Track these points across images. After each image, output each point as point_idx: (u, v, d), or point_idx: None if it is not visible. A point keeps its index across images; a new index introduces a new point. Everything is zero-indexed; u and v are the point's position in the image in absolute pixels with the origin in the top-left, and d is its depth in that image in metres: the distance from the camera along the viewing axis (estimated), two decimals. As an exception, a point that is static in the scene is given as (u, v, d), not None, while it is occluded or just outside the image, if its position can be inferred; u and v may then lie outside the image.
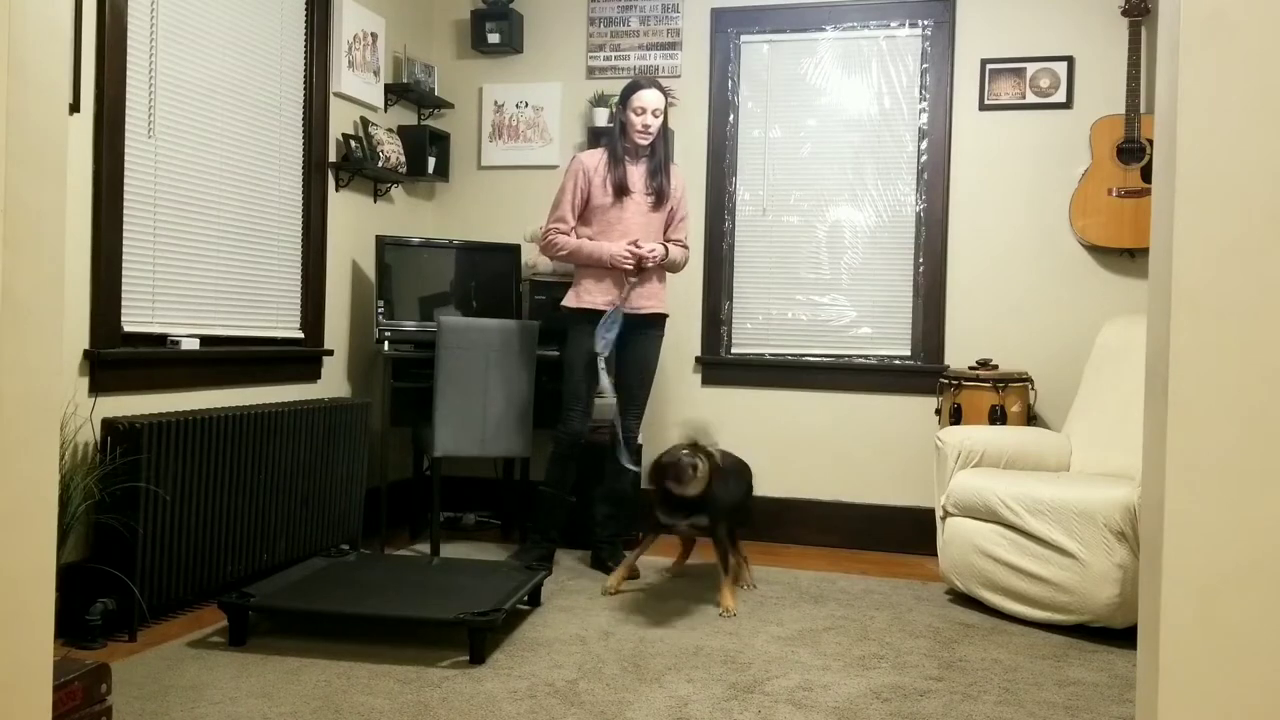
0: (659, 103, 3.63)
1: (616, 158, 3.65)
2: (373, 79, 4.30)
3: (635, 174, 3.67)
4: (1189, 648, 1.29)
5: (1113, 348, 3.77)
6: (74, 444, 2.79)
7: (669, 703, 2.44)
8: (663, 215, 3.72)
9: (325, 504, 3.66)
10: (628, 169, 3.66)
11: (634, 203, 3.65)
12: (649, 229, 3.68)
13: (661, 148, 3.69)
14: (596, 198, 3.65)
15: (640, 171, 3.68)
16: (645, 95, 3.62)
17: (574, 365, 3.65)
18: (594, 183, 3.65)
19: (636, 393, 3.76)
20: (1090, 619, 3.03)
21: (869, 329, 4.44)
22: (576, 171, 3.67)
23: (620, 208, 3.64)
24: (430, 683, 2.53)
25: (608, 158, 3.67)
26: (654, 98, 3.62)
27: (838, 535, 4.36)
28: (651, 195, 3.67)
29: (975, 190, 4.31)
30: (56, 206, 1.33)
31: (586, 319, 3.64)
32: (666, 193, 3.70)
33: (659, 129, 3.66)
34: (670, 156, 3.78)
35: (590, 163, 3.68)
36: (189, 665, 2.61)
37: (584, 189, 3.67)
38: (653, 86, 3.63)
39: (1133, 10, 4.01)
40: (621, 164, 3.65)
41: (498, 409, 3.88)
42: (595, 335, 3.60)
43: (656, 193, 3.68)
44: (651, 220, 3.69)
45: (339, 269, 4.16)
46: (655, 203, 3.68)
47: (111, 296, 2.95)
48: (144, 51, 3.10)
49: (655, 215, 3.70)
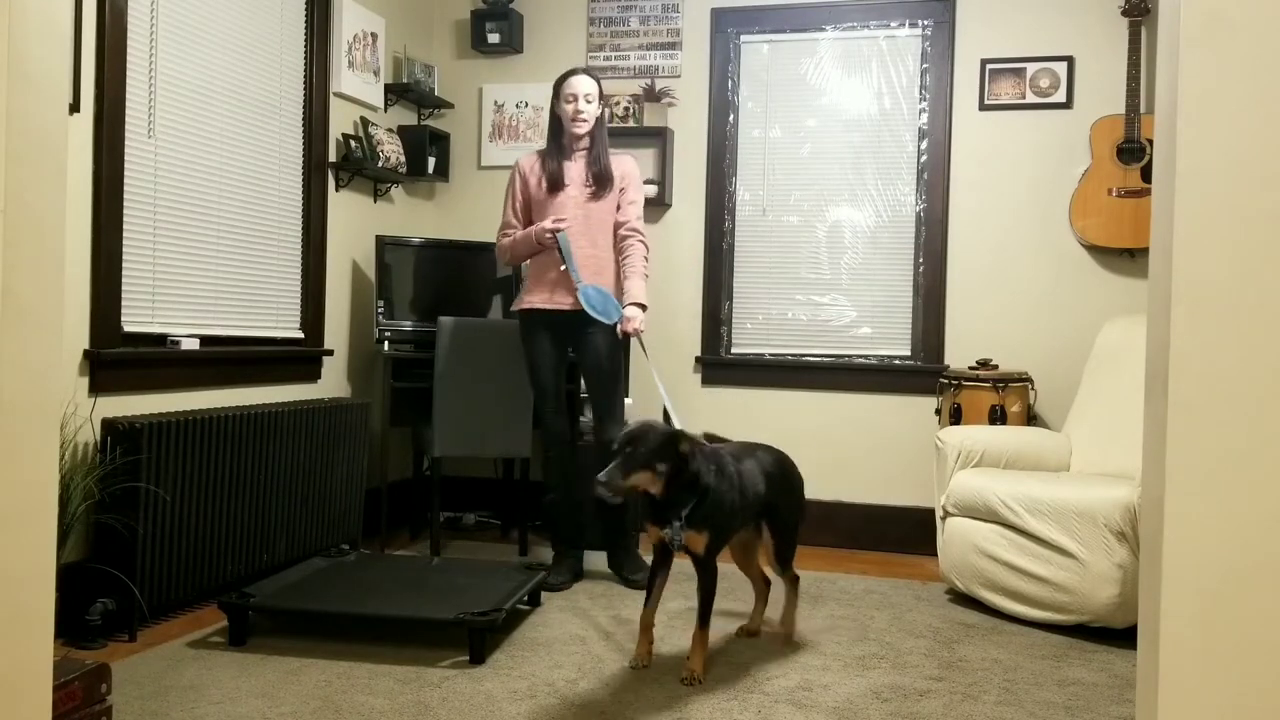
0: (588, 88, 3.52)
1: (551, 152, 3.58)
2: (373, 79, 4.30)
3: (573, 167, 3.57)
4: (1189, 648, 1.29)
5: (1113, 348, 3.77)
6: (74, 444, 2.79)
7: (669, 703, 2.44)
8: (608, 204, 3.56)
9: (325, 504, 3.66)
10: (564, 163, 3.57)
11: (569, 195, 3.54)
12: (589, 220, 3.54)
13: (600, 136, 3.58)
14: (534, 195, 3.58)
15: (578, 163, 3.58)
16: (572, 82, 3.52)
17: (532, 366, 3.61)
18: (530, 182, 3.59)
19: (599, 395, 3.58)
20: (1090, 619, 3.02)
21: (869, 329, 4.44)
22: (513, 174, 3.64)
23: (555, 202, 3.53)
24: (430, 683, 2.53)
25: (541, 154, 3.61)
26: (581, 83, 3.51)
27: (837, 535, 4.36)
28: (591, 185, 3.55)
29: (975, 190, 4.31)
30: (56, 206, 1.33)
31: (530, 319, 3.58)
32: (606, 178, 3.56)
33: (595, 115, 3.55)
34: (606, 142, 3.60)
35: (526, 163, 3.63)
36: (189, 665, 2.61)
37: (521, 190, 3.61)
38: (582, 73, 3.53)
39: (1133, 10, 4.01)
40: (556, 158, 3.57)
41: (497, 409, 3.88)
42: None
43: (595, 180, 3.55)
44: (592, 211, 3.54)
45: (339, 269, 4.16)
46: (595, 192, 3.54)
47: (111, 296, 2.95)
48: (144, 51, 3.10)
49: (597, 204, 3.54)
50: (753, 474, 2.79)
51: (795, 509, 2.96)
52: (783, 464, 2.95)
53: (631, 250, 3.57)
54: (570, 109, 3.52)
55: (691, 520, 2.59)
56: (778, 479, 2.88)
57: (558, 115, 3.57)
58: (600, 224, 3.56)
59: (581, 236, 3.52)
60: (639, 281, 3.54)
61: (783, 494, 2.89)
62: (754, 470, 2.81)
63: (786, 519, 2.91)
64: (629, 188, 3.62)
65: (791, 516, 2.94)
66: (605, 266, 3.58)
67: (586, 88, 3.52)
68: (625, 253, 3.58)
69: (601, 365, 3.55)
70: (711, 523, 2.62)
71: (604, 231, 3.58)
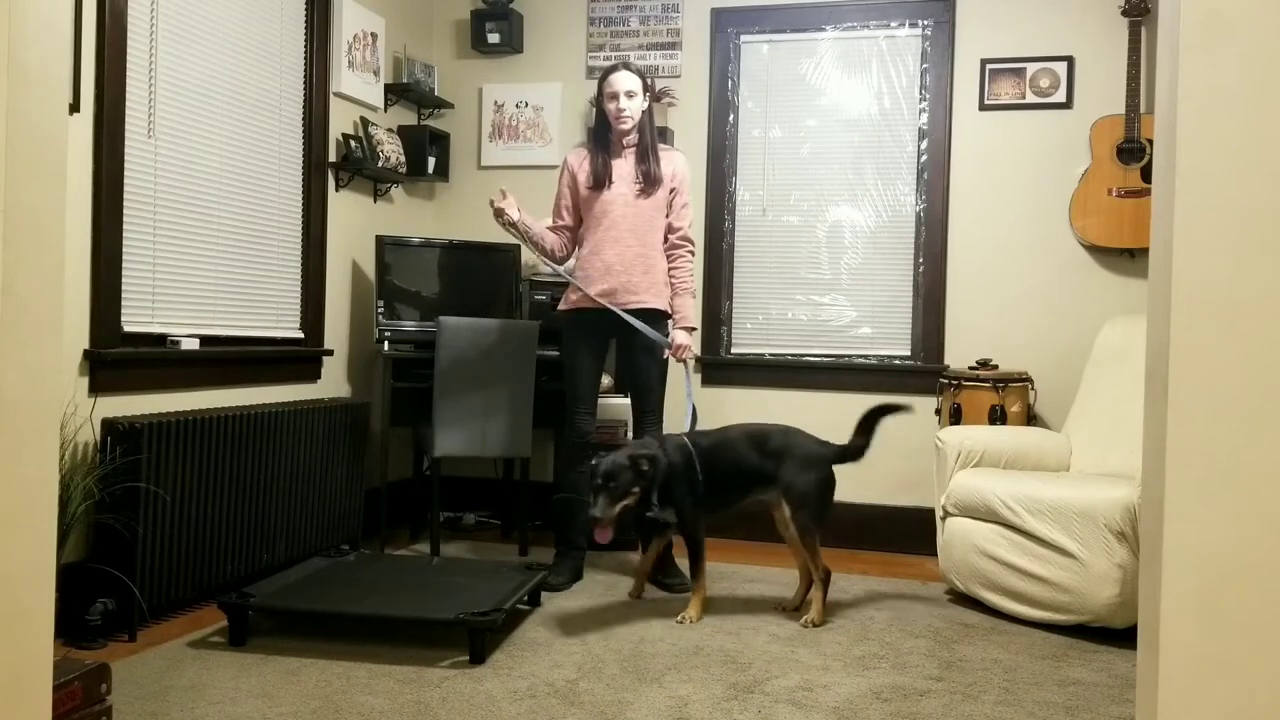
0: (629, 84, 3.47)
1: (598, 149, 3.55)
2: (373, 79, 4.30)
3: (622, 164, 3.54)
4: (1189, 648, 1.29)
5: (1113, 348, 3.77)
6: (74, 444, 2.79)
7: (669, 703, 2.44)
8: (657, 203, 3.53)
9: (325, 504, 3.66)
10: (613, 160, 3.54)
11: (617, 192, 3.51)
12: (638, 218, 3.51)
13: (649, 131, 3.55)
14: (582, 192, 3.57)
15: (627, 160, 3.54)
16: (613, 79, 3.49)
17: (568, 367, 3.61)
18: (579, 179, 3.57)
19: (641, 397, 3.60)
20: (1090, 619, 3.02)
21: (869, 329, 4.44)
22: (562, 170, 3.64)
23: (602, 199, 3.52)
24: (430, 683, 2.53)
25: (589, 149, 3.59)
26: (622, 80, 3.48)
27: (838, 535, 4.36)
28: (639, 182, 3.52)
29: (975, 190, 4.31)
30: (56, 206, 1.33)
31: (570, 319, 3.59)
32: (655, 177, 3.52)
33: (640, 110, 3.51)
34: (656, 140, 3.57)
35: (574, 159, 3.62)
36: (189, 665, 2.61)
37: (570, 186, 3.60)
38: (622, 69, 3.49)
39: (1133, 10, 4.01)
40: (602, 155, 3.54)
41: (498, 409, 3.88)
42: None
43: (644, 178, 3.52)
44: (641, 209, 3.52)
45: (339, 269, 4.16)
46: (643, 190, 3.52)
47: (111, 296, 2.95)
48: (144, 51, 3.10)
49: (645, 203, 3.51)
50: (736, 445, 3.24)
51: (802, 474, 3.19)
52: (786, 434, 3.27)
53: (681, 263, 3.57)
54: (613, 107, 3.49)
55: (662, 499, 3.14)
56: (775, 449, 3.22)
57: (603, 112, 3.55)
58: (649, 222, 3.53)
59: (630, 234, 3.50)
60: (688, 300, 3.56)
61: (787, 462, 3.20)
62: (740, 442, 3.24)
63: (796, 485, 3.18)
64: (680, 189, 3.59)
65: (800, 482, 3.18)
66: (653, 265, 3.54)
67: (628, 84, 3.48)
68: (675, 263, 3.57)
69: (647, 376, 3.58)
70: (675, 495, 3.16)
71: (653, 229, 3.54)
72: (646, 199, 3.53)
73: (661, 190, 3.55)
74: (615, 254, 3.49)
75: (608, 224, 3.51)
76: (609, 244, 3.50)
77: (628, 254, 3.49)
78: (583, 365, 3.58)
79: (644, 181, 3.52)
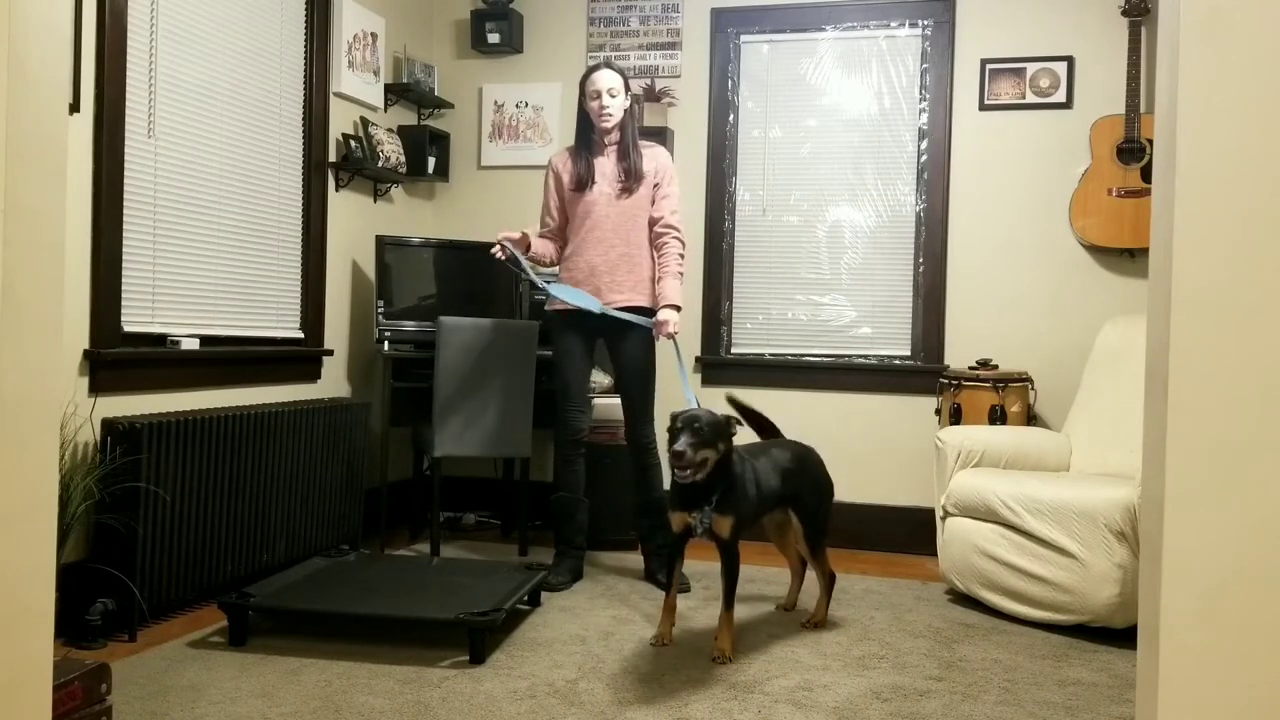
0: (610, 82, 3.47)
1: (580, 150, 3.55)
2: (373, 79, 4.30)
3: (604, 162, 3.54)
4: (1189, 648, 1.29)
5: (1113, 348, 3.77)
6: (74, 444, 2.79)
7: (669, 703, 2.44)
8: (641, 201, 3.52)
9: (325, 504, 3.66)
10: (595, 160, 3.54)
11: (600, 192, 3.51)
12: (621, 218, 3.51)
13: (630, 129, 3.54)
14: (566, 193, 3.57)
15: (609, 159, 3.54)
16: (595, 78, 3.49)
17: (558, 365, 3.61)
18: (563, 180, 3.57)
19: (633, 394, 3.57)
20: (1090, 619, 3.02)
21: (869, 329, 4.44)
22: (547, 173, 3.64)
23: (585, 200, 3.52)
24: (430, 683, 2.53)
25: (572, 151, 3.59)
26: (604, 78, 3.48)
27: (838, 535, 4.36)
28: (621, 180, 3.51)
29: (975, 190, 4.31)
30: (56, 206, 1.33)
31: (558, 320, 3.58)
32: (638, 173, 3.51)
33: (622, 109, 3.51)
34: (637, 137, 3.56)
35: (559, 161, 3.62)
36: (189, 665, 2.61)
37: (555, 188, 3.61)
38: (604, 68, 3.50)
39: (1133, 10, 4.01)
40: (585, 155, 3.54)
41: (498, 409, 3.88)
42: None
43: (626, 174, 3.51)
44: (625, 208, 3.51)
45: (339, 269, 4.16)
46: (626, 188, 3.51)
47: (111, 296, 2.95)
48: (144, 51, 3.10)
49: (628, 201, 3.50)
50: (768, 469, 3.00)
51: (817, 495, 3.13)
52: (802, 458, 3.15)
53: (667, 249, 3.55)
54: (595, 105, 3.50)
55: (720, 506, 2.77)
56: (795, 472, 3.08)
57: (585, 112, 3.55)
58: (633, 220, 3.53)
59: (613, 234, 3.50)
60: (673, 282, 3.52)
61: (804, 485, 3.09)
62: (768, 465, 3.01)
63: (809, 505, 3.10)
64: (663, 181, 3.57)
65: (814, 502, 3.11)
66: (638, 264, 3.54)
67: (609, 82, 3.48)
68: (660, 250, 3.56)
69: (634, 366, 3.55)
70: (736, 509, 2.80)
71: (637, 228, 3.54)
72: (630, 197, 3.53)
73: (645, 187, 3.55)
74: (599, 254, 3.50)
75: (590, 224, 3.52)
76: (592, 245, 3.51)
77: (611, 254, 3.50)
78: (572, 363, 3.58)
79: (626, 178, 3.52)
